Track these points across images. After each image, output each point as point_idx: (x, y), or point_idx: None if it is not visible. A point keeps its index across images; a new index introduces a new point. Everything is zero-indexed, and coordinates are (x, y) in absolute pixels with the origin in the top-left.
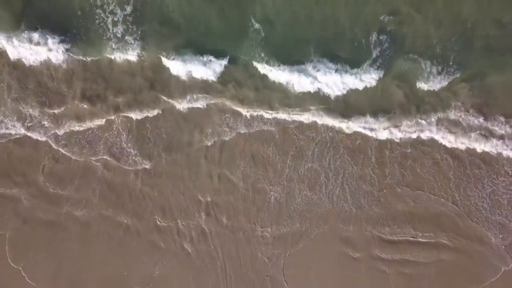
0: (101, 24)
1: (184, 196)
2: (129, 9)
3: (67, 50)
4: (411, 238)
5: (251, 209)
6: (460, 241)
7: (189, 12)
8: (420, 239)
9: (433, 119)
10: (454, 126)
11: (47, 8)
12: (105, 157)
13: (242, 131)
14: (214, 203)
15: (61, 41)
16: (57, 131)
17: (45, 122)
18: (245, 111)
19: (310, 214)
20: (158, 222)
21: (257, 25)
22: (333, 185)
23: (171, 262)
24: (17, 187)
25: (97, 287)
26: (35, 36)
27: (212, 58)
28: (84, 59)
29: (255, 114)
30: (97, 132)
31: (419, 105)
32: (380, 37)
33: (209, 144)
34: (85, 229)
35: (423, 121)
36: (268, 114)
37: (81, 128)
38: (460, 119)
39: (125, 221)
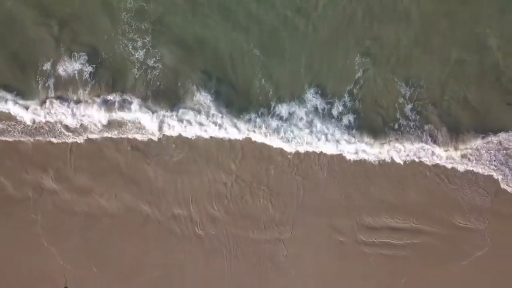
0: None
1: (197, 187)
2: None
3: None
4: (391, 224)
5: (255, 199)
6: (436, 226)
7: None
8: (399, 225)
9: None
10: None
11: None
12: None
13: None
14: (223, 194)
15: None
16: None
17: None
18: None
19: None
20: (175, 211)
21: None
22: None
23: (185, 247)
24: (52, 180)
25: (122, 270)
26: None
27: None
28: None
29: None
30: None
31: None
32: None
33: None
34: (111, 219)
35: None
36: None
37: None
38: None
39: (145, 208)
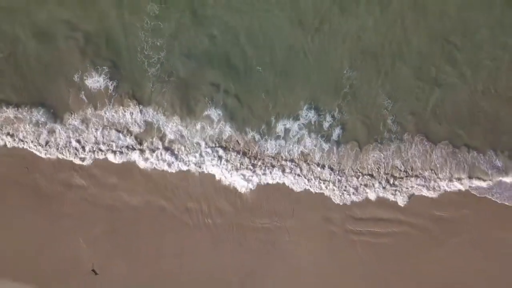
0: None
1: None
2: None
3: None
4: (376, 216)
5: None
6: (416, 218)
7: None
8: (383, 217)
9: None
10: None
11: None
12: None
13: None
14: (228, 190)
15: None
16: None
17: None
18: None
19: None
20: (187, 205)
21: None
22: None
23: (196, 235)
24: (81, 178)
25: (142, 256)
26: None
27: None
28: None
29: None
30: None
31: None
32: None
33: None
34: (133, 211)
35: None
36: None
37: None
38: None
39: (163, 204)
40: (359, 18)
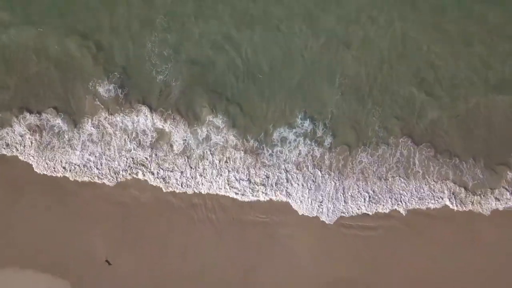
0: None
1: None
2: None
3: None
4: (366, 211)
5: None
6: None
7: None
8: (372, 213)
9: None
10: None
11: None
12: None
13: None
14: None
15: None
16: None
17: None
18: None
19: None
20: (193, 201)
21: None
22: None
23: (200, 230)
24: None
25: (150, 248)
26: None
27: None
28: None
29: None
30: None
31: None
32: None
33: None
34: (143, 208)
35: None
36: None
37: None
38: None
39: (171, 199)
40: (354, 29)
